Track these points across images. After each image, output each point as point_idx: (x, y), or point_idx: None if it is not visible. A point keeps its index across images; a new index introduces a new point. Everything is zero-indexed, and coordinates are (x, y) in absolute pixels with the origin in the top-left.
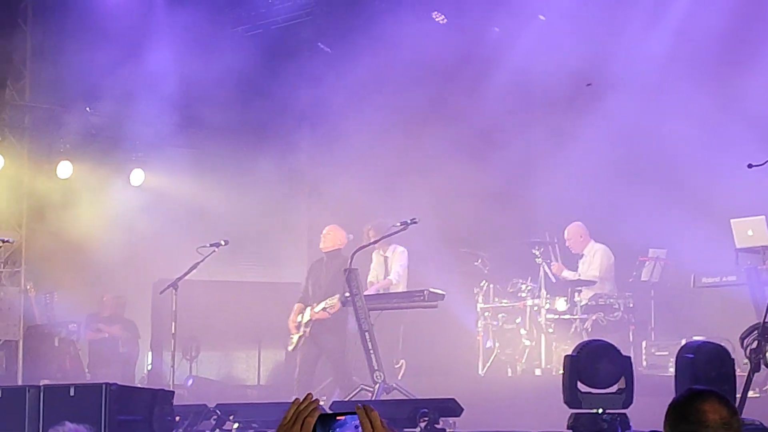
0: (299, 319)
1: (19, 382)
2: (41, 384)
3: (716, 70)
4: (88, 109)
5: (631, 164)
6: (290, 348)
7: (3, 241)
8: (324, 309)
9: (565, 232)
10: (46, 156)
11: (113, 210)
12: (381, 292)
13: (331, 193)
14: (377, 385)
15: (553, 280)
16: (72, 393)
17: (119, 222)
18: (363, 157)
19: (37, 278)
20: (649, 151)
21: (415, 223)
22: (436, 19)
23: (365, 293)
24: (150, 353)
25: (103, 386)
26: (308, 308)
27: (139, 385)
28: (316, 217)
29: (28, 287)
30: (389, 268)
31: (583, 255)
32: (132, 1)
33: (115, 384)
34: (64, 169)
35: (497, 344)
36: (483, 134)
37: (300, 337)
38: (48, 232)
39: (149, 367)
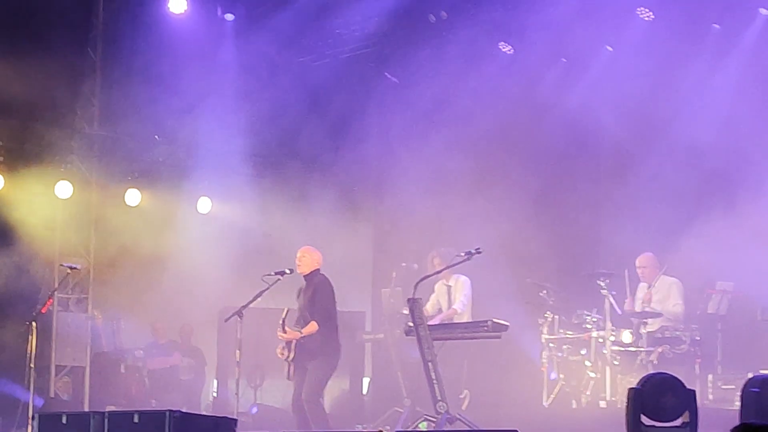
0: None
1: (86, 408)
2: (106, 410)
3: None
4: (156, 137)
5: (699, 196)
6: (288, 378)
7: (71, 268)
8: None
9: (638, 260)
10: (114, 184)
11: (181, 238)
12: (446, 321)
13: (395, 222)
14: (440, 416)
15: (619, 312)
16: (136, 420)
17: (187, 250)
18: (428, 186)
19: (104, 305)
20: (717, 183)
21: (479, 253)
22: (503, 50)
23: (429, 323)
24: (215, 381)
25: (167, 413)
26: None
27: (203, 413)
28: (381, 245)
29: (95, 314)
30: (453, 297)
31: (652, 286)
32: (200, 31)
33: (179, 411)
34: (132, 196)
35: (562, 376)
36: (549, 164)
37: (289, 363)
38: (115, 260)
39: (214, 395)
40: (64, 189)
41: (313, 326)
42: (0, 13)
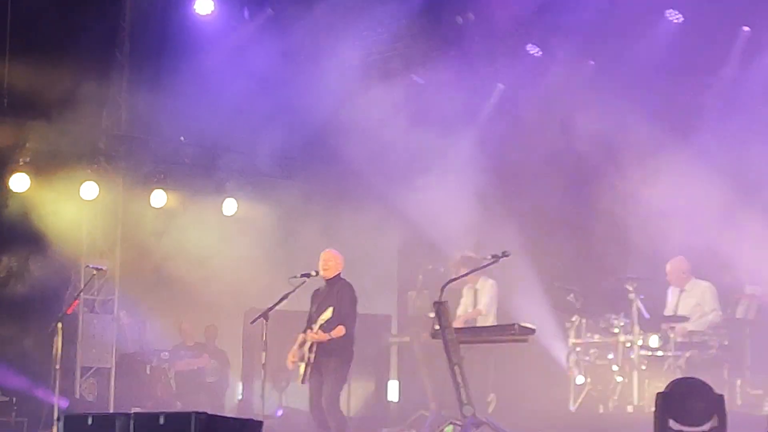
0: (305, 349)
1: (111, 410)
2: (132, 411)
3: None
4: (182, 138)
5: (728, 199)
6: (299, 381)
7: (97, 269)
8: (321, 327)
9: (668, 265)
10: (140, 185)
11: (206, 239)
12: (469, 322)
13: (421, 223)
14: (466, 420)
15: (647, 317)
16: (161, 421)
17: (212, 251)
18: (455, 188)
19: (129, 306)
20: (746, 186)
21: (506, 256)
22: (531, 52)
23: (454, 325)
24: (240, 383)
25: (193, 415)
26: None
27: (229, 415)
28: (407, 248)
29: (121, 315)
30: (478, 299)
31: (683, 290)
32: (226, 33)
33: (205, 413)
34: (158, 198)
35: (589, 380)
36: (577, 165)
37: (306, 365)
38: (141, 261)
39: (240, 397)
40: (90, 190)
41: (341, 330)
42: (28, 14)
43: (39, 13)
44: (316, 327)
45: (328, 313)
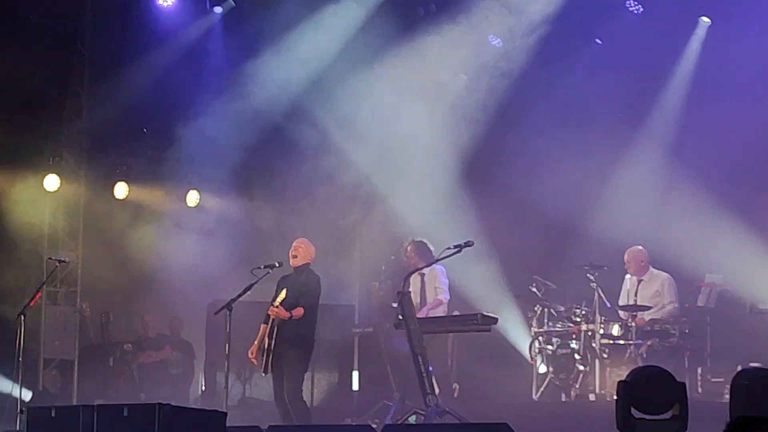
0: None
1: (74, 402)
2: (95, 404)
3: None
4: (144, 130)
5: (688, 188)
6: (263, 372)
7: (59, 261)
8: (280, 304)
9: (626, 254)
10: (102, 176)
11: (169, 230)
12: (432, 312)
13: (385, 212)
14: (430, 409)
15: (608, 305)
16: (125, 413)
17: (175, 242)
18: (418, 176)
19: (92, 298)
20: (706, 175)
21: (469, 246)
22: (492, 43)
23: (418, 315)
24: (203, 374)
25: (156, 406)
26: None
27: (192, 406)
28: (370, 238)
29: (84, 307)
30: (427, 288)
31: (642, 280)
32: (189, 23)
33: (168, 404)
34: (121, 189)
35: (551, 369)
36: (538, 155)
37: (267, 354)
38: (104, 253)
39: (203, 388)
40: (52, 182)
41: (299, 311)
42: None
43: None
44: (276, 302)
45: (282, 294)
